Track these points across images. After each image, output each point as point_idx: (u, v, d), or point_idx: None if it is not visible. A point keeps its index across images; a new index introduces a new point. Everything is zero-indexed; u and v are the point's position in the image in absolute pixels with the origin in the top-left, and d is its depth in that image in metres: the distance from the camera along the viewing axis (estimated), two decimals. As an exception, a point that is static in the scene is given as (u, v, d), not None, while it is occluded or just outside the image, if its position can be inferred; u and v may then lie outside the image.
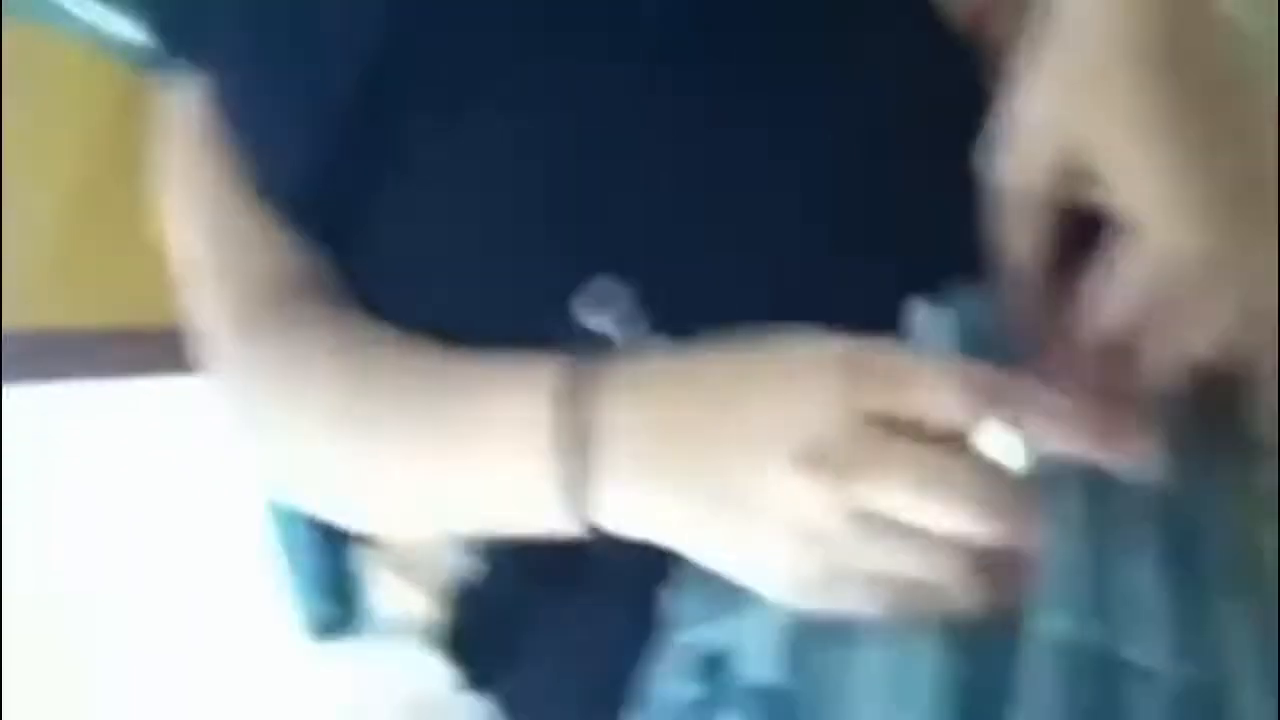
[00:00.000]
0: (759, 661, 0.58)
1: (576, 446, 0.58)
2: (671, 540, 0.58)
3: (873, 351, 0.55)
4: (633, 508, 0.58)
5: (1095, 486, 0.60)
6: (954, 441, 0.53)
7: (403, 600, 1.11)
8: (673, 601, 0.63)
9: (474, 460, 0.62)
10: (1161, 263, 0.57)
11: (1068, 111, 0.58)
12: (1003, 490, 0.53)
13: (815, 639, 0.57)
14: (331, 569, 1.17)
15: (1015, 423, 0.53)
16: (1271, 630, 0.63)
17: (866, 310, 0.58)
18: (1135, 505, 0.60)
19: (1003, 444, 0.53)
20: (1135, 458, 0.54)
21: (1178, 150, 0.56)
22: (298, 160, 0.71)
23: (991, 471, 0.53)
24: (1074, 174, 0.59)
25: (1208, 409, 0.62)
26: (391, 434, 0.65)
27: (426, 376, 0.65)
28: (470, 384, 0.64)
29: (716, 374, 0.57)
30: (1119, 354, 0.58)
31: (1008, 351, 0.60)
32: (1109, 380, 0.58)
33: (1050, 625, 0.56)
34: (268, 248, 0.74)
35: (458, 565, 0.75)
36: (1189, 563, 0.62)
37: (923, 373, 0.54)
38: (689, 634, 0.61)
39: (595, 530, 0.59)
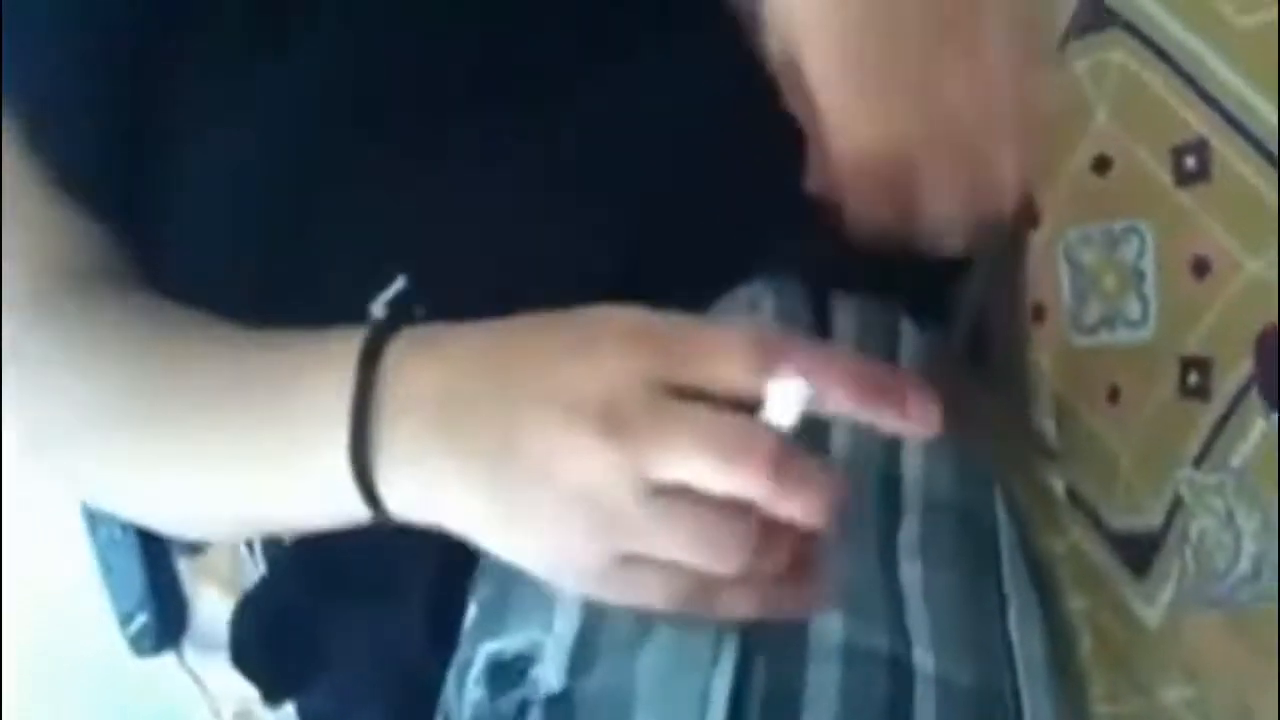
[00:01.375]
0: (551, 669, 0.56)
1: (366, 421, 0.56)
2: (459, 524, 0.56)
3: (664, 321, 0.54)
4: (419, 488, 0.56)
5: (886, 490, 0.60)
6: (750, 410, 0.52)
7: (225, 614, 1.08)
8: (474, 609, 0.62)
9: (275, 439, 0.60)
10: (849, 154, 0.60)
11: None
12: (805, 462, 0.51)
13: (603, 645, 0.56)
14: (151, 582, 1.15)
15: (801, 381, 0.51)
16: (1058, 637, 0.64)
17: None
18: (925, 511, 0.61)
19: (786, 402, 0.52)
20: (919, 421, 0.53)
21: (860, 43, 0.59)
22: (84, 131, 0.69)
23: (793, 444, 0.52)
24: None
25: (998, 411, 0.62)
26: (189, 416, 0.63)
27: (227, 357, 0.63)
28: (276, 354, 0.61)
29: (506, 343, 0.56)
30: None
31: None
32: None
33: (836, 629, 0.55)
34: (58, 231, 0.72)
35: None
36: (981, 568, 0.62)
37: (713, 338, 0.53)
38: (493, 642, 0.60)
39: (386, 519, 0.57)
